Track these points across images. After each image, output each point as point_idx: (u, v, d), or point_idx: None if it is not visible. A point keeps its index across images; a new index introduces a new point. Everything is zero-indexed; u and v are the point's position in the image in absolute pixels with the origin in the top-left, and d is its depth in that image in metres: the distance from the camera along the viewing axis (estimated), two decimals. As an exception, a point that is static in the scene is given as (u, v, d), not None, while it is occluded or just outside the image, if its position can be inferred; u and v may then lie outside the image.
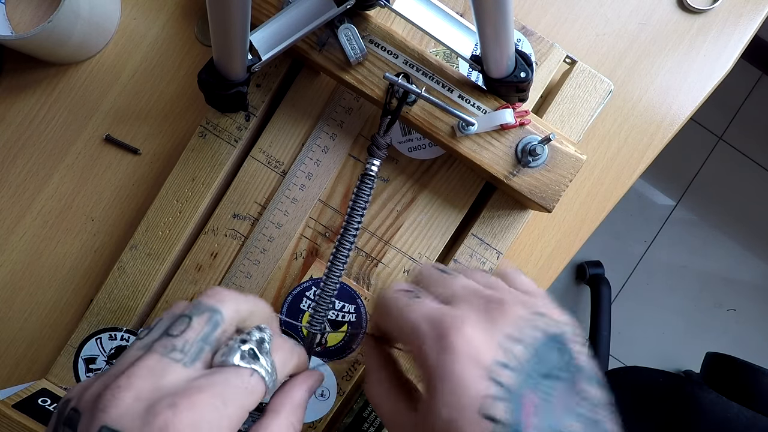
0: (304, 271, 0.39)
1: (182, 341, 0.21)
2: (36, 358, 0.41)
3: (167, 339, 0.21)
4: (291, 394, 0.24)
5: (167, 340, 0.21)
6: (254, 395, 0.21)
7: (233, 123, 0.37)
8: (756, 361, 0.74)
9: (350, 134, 0.39)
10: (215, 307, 0.23)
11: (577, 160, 0.34)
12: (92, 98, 0.42)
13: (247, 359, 0.22)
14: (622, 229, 1.34)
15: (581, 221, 0.43)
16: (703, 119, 1.35)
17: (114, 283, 0.37)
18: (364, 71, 0.34)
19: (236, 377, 0.21)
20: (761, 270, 1.35)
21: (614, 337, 1.25)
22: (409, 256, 0.39)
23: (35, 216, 0.42)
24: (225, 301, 0.23)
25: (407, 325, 0.23)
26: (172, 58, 0.43)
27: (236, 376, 0.21)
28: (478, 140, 0.34)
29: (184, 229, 0.37)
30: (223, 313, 0.23)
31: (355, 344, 0.39)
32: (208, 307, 0.23)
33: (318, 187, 0.38)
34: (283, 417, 0.23)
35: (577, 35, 0.44)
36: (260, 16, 0.33)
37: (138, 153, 0.42)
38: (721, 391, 0.71)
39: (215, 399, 0.20)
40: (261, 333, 0.23)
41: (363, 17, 0.33)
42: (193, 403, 0.19)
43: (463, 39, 0.32)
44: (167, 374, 0.20)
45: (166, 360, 0.21)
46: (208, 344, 0.22)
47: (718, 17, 0.44)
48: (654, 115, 0.44)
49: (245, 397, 0.21)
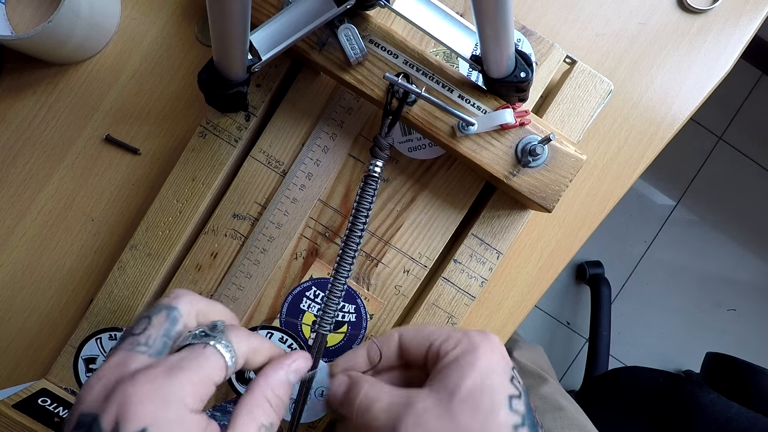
0: (304, 271, 0.39)
1: (145, 337, 0.24)
2: (36, 358, 0.41)
3: (131, 338, 0.24)
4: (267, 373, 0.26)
5: (131, 338, 0.24)
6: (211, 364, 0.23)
7: (233, 123, 0.37)
8: (756, 361, 0.74)
9: (350, 134, 0.39)
10: (171, 304, 0.26)
11: (577, 160, 0.34)
12: (92, 98, 0.42)
13: (199, 339, 0.24)
14: (622, 229, 1.34)
15: (581, 221, 0.43)
16: (703, 119, 1.35)
17: (114, 283, 0.37)
18: (364, 71, 0.34)
19: (189, 352, 0.23)
20: (761, 270, 1.35)
21: (614, 337, 1.25)
22: (409, 256, 0.39)
23: (35, 216, 0.42)
24: (180, 299, 0.26)
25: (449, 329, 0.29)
26: (172, 58, 0.43)
27: (189, 351, 0.24)
28: (478, 140, 0.34)
29: (184, 229, 0.37)
30: (179, 308, 0.26)
31: (355, 344, 0.39)
32: (165, 306, 0.26)
33: (318, 187, 0.39)
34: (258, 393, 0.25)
35: (577, 35, 0.44)
36: (260, 16, 0.33)
37: (138, 153, 0.42)
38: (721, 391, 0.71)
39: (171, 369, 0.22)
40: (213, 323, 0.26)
41: (363, 17, 0.33)
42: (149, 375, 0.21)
43: (463, 39, 0.32)
44: (132, 363, 0.23)
45: (131, 354, 0.23)
46: (170, 339, 0.24)
47: (718, 17, 0.44)
48: (654, 115, 0.44)
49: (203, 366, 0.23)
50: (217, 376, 0.24)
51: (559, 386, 0.61)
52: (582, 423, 0.54)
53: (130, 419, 0.20)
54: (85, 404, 0.22)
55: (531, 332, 1.33)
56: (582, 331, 1.33)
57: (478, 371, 0.25)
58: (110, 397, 0.21)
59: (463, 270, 0.38)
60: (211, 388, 0.23)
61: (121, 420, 0.20)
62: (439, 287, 0.38)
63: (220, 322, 0.26)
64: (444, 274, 0.38)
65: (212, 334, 0.25)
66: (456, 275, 0.38)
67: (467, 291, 0.38)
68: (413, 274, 0.39)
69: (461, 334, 0.28)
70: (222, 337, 0.25)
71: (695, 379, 0.80)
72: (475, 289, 0.38)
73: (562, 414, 0.54)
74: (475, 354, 0.26)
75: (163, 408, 0.21)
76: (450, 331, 0.28)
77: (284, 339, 0.39)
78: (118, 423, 0.20)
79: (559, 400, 0.56)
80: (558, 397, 0.57)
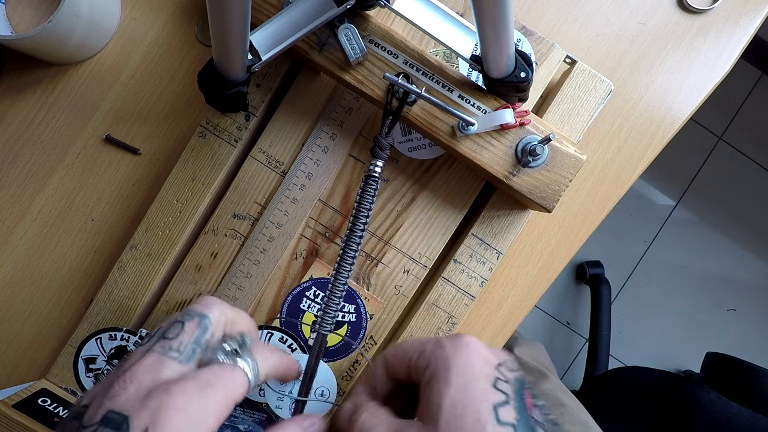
0: (304, 271, 0.39)
1: (177, 342, 0.25)
2: (36, 358, 0.41)
3: (164, 341, 0.25)
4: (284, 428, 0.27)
5: (165, 342, 0.25)
6: (237, 385, 0.25)
7: (233, 123, 0.37)
8: (756, 361, 0.74)
9: (350, 134, 0.39)
10: (203, 312, 0.27)
11: (577, 160, 0.34)
12: (92, 98, 0.42)
13: (230, 357, 0.26)
14: (622, 229, 1.34)
15: (581, 221, 0.44)
16: (703, 119, 1.35)
17: (114, 283, 0.37)
18: (364, 71, 0.34)
19: (221, 370, 0.25)
20: (761, 270, 1.35)
21: (614, 337, 1.25)
22: (409, 256, 0.39)
23: (35, 216, 0.42)
24: (211, 307, 0.27)
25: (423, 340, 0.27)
26: (172, 58, 0.43)
27: (221, 369, 0.25)
28: (478, 140, 0.34)
29: (184, 229, 0.37)
30: (210, 317, 0.27)
31: (355, 344, 0.39)
32: (197, 313, 0.27)
33: (318, 187, 0.39)
34: None
35: (577, 35, 0.44)
36: (260, 16, 0.33)
37: (138, 153, 0.42)
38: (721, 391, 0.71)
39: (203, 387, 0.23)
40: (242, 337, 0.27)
41: (363, 17, 0.33)
42: (184, 388, 0.23)
43: (463, 39, 0.32)
44: (165, 369, 0.24)
45: (164, 358, 0.24)
46: (199, 347, 0.26)
47: (718, 17, 0.44)
48: (654, 115, 0.44)
49: (229, 387, 0.24)
50: (240, 395, 0.25)
51: (559, 382, 0.61)
52: (583, 419, 0.54)
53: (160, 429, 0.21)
54: (116, 402, 0.22)
55: (531, 332, 1.33)
56: (582, 331, 1.33)
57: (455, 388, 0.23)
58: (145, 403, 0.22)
59: (463, 270, 0.38)
60: (231, 407, 0.25)
61: (151, 428, 0.21)
62: (439, 287, 0.38)
63: (248, 338, 0.27)
64: (444, 274, 0.38)
65: (241, 352, 0.26)
66: (456, 275, 0.38)
67: (467, 291, 0.38)
68: (413, 274, 0.39)
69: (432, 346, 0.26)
70: (249, 357, 0.27)
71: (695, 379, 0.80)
72: (475, 289, 0.38)
73: (564, 410, 0.54)
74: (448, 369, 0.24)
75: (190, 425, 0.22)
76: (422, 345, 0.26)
77: (284, 339, 0.39)
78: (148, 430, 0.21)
79: (560, 397, 0.56)
80: (559, 393, 0.57)
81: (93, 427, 0.22)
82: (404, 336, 0.38)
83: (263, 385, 0.38)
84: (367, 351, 0.39)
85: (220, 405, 0.23)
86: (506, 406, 0.22)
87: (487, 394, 0.23)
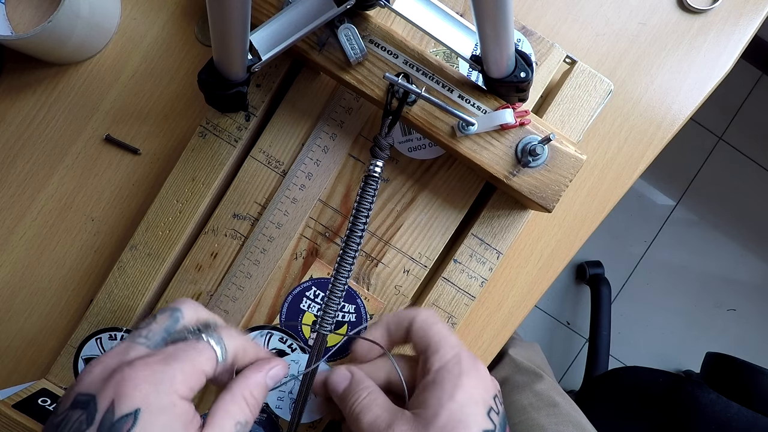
0: (304, 271, 0.39)
1: (147, 330, 0.26)
2: (36, 358, 0.41)
3: (135, 331, 0.26)
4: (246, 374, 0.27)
5: (135, 332, 0.26)
6: (204, 357, 0.25)
7: (233, 123, 0.37)
8: (756, 361, 0.74)
9: (350, 134, 0.39)
10: (176, 307, 0.28)
11: (577, 160, 0.34)
12: (92, 98, 0.42)
13: (194, 334, 0.26)
14: (622, 229, 1.34)
15: (581, 221, 0.44)
16: (703, 119, 1.35)
17: (114, 283, 0.37)
18: (364, 71, 0.34)
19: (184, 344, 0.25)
20: (761, 270, 1.35)
21: (614, 337, 1.25)
22: (409, 256, 0.39)
23: (35, 216, 0.42)
24: (185, 303, 0.28)
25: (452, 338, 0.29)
26: (172, 58, 0.43)
27: (184, 344, 0.25)
28: (478, 140, 0.34)
29: (184, 229, 0.37)
30: (182, 310, 0.27)
31: (355, 344, 0.39)
32: (170, 308, 0.28)
33: (318, 187, 0.39)
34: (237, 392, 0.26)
35: (577, 35, 0.44)
36: (260, 16, 0.33)
37: (138, 153, 0.42)
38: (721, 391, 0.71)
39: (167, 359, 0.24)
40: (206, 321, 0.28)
41: (363, 17, 0.33)
42: (147, 362, 0.23)
43: (463, 39, 0.32)
44: (131, 351, 0.24)
45: (131, 344, 0.25)
46: (168, 335, 0.26)
47: (718, 17, 0.44)
48: (654, 115, 0.44)
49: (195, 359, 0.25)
50: (208, 367, 0.25)
51: (554, 383, 0.61)
52: (577, 419, 0.54)
53: (124, 400, 0.22)
54: (82, 385, 0.23)
55: (531, 332, 1.33)
56: (582, 331, 1.33)
57: (457, 403, 0.26)
58: (108, 380, 0.22)
59: (463, 270, 0.38)
60: (202, 379, 0.25)
61: (116, 400, 0.22)
62: (439, 287, 0.38)
63: (212, 321, 0.28)
64: (444, 274, 0.38)
65: (205, 331, 0.27)
66: (456, 275, 0.38)
67: (467, 291, 0.38)
68: (413, 274, 0.39)
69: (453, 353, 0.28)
70: (213, 334, 0.27)
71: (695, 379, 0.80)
72: (475, 289, 0.38)
73: (557, 410, 0.54)
74: (458, 383, 0.27)
75: (156, 393, 0.22)
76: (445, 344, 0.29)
77: (284, 339, 0.39)
78: (113, 403, 0.22)
79: (553, 397, 0.56)
80: (552, 393, 0.57)
81: (64, 413, 0.22)
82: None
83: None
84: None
85: (187, 374, 0.24)
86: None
87: (479, 419, 0.26)
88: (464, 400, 0.26)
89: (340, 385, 0.30)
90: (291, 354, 0.39)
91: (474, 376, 0.27)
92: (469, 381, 0.27)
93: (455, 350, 0.28)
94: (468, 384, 0.27)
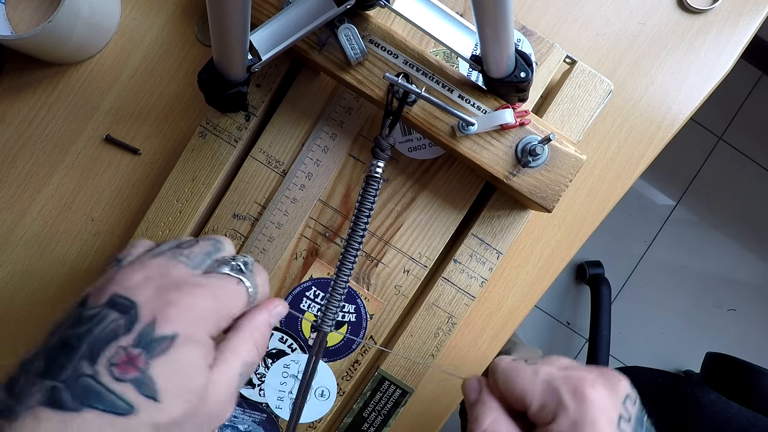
0: (304, 271, 0.39)
1: (188, 251, 0.26)
2: (36, 358, 0.41)
3: (177, 249, 0.26)
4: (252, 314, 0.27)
5: (176, 250, 0.26)
6: (238, 299, 0.25)
7: (233, 123, 0.37)
8: (756, 361, 0.74)
9: (350, 134, 0.39)
10: (220, 239, 0.28)
11: (577, 160, 0.34)
12: (92, 98, 0.42)
13: (235, 271, 0.26)
14: (622, 229, 1.34)
15: (581, 221, 0.43)
16: (703, 119, 1.35)
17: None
18: (364, 71, 0.34)
19: (227, 281, 0.25)
20: (761, 270, 1.35)
21: (614, 337, 1.25)
22: (409, 256, 0.39)
23: (35, 216, 0.42)
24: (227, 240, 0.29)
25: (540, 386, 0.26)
26: (172, 58, 0.43)
27: (227, 281, 0.25)
28: (478, 140, 0.34)
29: (184, 229, 0.37)
30: (224, 243, 0.28)
31: (354, 345, 0.39)
32: (214, 238, 0.28)
33: (318, 187, 0.39)
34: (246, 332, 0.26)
35: (577, 35, 0.44)
36: (260, 16, 0.33)
37: (138, 153, 0.42)
38: (721, 391, 0.71)
39: (209, 292, 0.24)
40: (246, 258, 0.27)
41: (363, 17, 0.33)
42: (193, 291, 0.23)
43: (463, 39, 0.32)
44: (174, 269, 0.24)
45: (174, 261, 0.25)
46: (209, 258, 0.26)
47: (718, 17, 0.44)
48: (654, 115, 0.44)
49: (231, 299, 0.25)
50: (238, 312, 0.26)
51: None
52: None
53: (167, 322, 0.21)
54: (122, 287, 0.22)
55: (531, 332, 1.33)
56: (582, 331, 1.33)
57: None
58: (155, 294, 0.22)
59: (463, 270, 0.38)
60: (229, 321, 0.25)
61: (159, 318, 0.21)
62: (439, 287, 0.38)
63: (251, 261, 0.28)
64: (444, 274, 0.38)
65: (246, 271, 0.26)
66: (456, 275, 0.38)
67: (467, 291, 0.38)
68: (413, 274, 0.39)
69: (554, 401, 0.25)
70: (251, 276, 0.27)
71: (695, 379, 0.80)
72: (475, 289, 0.38)
73: None
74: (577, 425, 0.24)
75: (194, 325, 0.22)
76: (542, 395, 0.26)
77: (284, 339, 0.39)
78: (155, 320, 0.21)
79: None
80: None
81: (97, 309, 0.22)
82: (404, 336, 0.38)
83: (263, 386, 0.38)
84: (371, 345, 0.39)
85: (221, 315, 0.24)
86: None
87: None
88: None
89: (471, 396, 0.29)
90: (291, 354, 0.39)
91: (588, 416, 0.24)
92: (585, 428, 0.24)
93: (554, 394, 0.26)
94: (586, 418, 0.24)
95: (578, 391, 0.25)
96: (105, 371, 0.20)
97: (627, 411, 0.26)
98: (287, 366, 0.38)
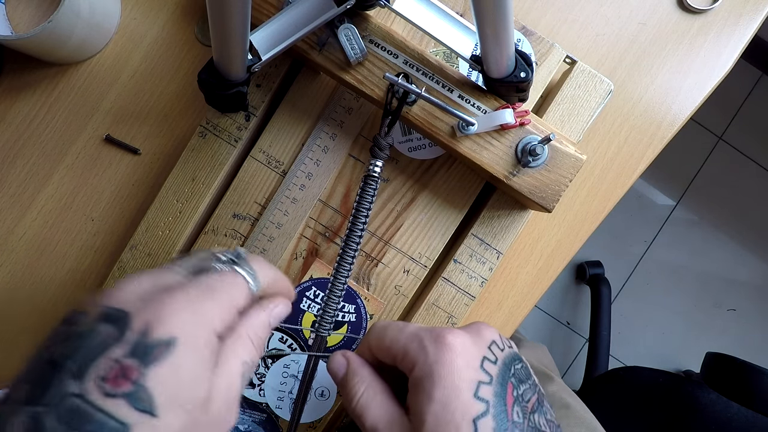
0: (304, 271, 0.39)
1: (180, 262, 0.25)
2: (36, 358, 0.41)
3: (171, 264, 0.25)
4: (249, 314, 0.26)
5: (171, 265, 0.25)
6: (238, 289, 0.24)
7: (233, 123, 0.37)
8: (756, 361, 0.74)
9: (350, 134, 0.39)
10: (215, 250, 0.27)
11: (577, 160, 0.34)
12: (92, 98, 0.42)
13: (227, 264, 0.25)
14: (622, 229, 1.34)
15: (581, 221, 0.44)
16: (703, 119, 1.35)
17: (114, 283, 0.37)
18: (364, 71, 0.34)
19: (221, 275, 0.24)
20: (761, 270, 1.35)
21: (614, 337, 1.25)
22: (409, 256, 0.39)
23: (35, 216, 0.42)
24: None
25: (406, 336, 0.26)
26: (172, 58, 0.43)
27: (221, 275, 0.24)
28: (478, 140, 0.34)
29: (184, 229, 0.37)
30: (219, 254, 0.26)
31: (354, 345, 0.39)
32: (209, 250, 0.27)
33: (318, 187, 0.39)
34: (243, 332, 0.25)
35: (577, 35, 0.44)
36: (260, 16, 0.33)
37: (138, 153, 0.42)
38: (721, 391, 0.71)
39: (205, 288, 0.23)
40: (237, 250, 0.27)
41: (363, 17, 0.33)
42: (188, 292, 0.22)
43: (463, 39, 0.32)
44: (165, 276, 0.23)
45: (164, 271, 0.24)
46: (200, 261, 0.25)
47: (718, 17, 0.44)
48: (654, 115, 0.44)
49: (230, 290, 0.24)
50: (242, 302, 0.25)
51: (564, 385, 0.61)
52: (589, 421, 0.53)
53: (162, 326, 0.20)
54: (113, 300, 0.21)
55: (531, 332, 1.33)
56: (582, 331, 1.33)
57: (438, 405, 0.23)
58: (146, 302, 0.21)
59: (463, 270, 0.38)
60: (235, 315, 0.24)
61: (153, 324, 0.20)
62: (439, 287, 0.38)
63: (242, 250, 0.27)
64: (444, 274, 0.38)
65: (238, 261, 0.26)
66: (456, 275, 0.38)
67: (467, 291, 0.38)
68: (413, 274, 0.39)
69: (416, 349, 0.25)
70: (247, 265, 0.26)
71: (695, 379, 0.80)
72: (475, 289, 0.38)
73: (569, 412, 0.53)
74: (431, 381, 0.24)
75: (194, 325, 0.21)
76: (406, 343, 0.26)
77: (284, 339, 0.39)
78: (148, 326, 0.20)
79: (565, 399, 0.56)
80: (564, 395, 0.57)
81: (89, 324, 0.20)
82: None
83: (263, 386, 0.38)
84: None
85: (224, 308, 0.23)
86: (485, 417, 0.23)
87: (468, 408, 0.23)
88: (443, 396, 0.24)
89: (339, 372, 0.29)
90: (291, 354, 0.39)
91: (446, 361, 0.24)
92: (442, 370, 0.24)
93: (416, 342, 0.26)
94: (442, 374, 0.24)
95: (439, 337, 0.25)
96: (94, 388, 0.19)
97: (493, 354, 0.25)
98: (287, 366, 0.38)
